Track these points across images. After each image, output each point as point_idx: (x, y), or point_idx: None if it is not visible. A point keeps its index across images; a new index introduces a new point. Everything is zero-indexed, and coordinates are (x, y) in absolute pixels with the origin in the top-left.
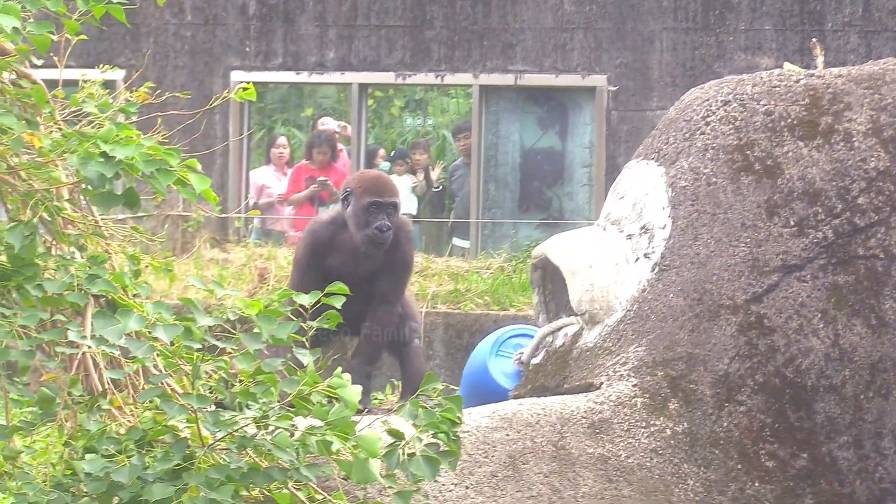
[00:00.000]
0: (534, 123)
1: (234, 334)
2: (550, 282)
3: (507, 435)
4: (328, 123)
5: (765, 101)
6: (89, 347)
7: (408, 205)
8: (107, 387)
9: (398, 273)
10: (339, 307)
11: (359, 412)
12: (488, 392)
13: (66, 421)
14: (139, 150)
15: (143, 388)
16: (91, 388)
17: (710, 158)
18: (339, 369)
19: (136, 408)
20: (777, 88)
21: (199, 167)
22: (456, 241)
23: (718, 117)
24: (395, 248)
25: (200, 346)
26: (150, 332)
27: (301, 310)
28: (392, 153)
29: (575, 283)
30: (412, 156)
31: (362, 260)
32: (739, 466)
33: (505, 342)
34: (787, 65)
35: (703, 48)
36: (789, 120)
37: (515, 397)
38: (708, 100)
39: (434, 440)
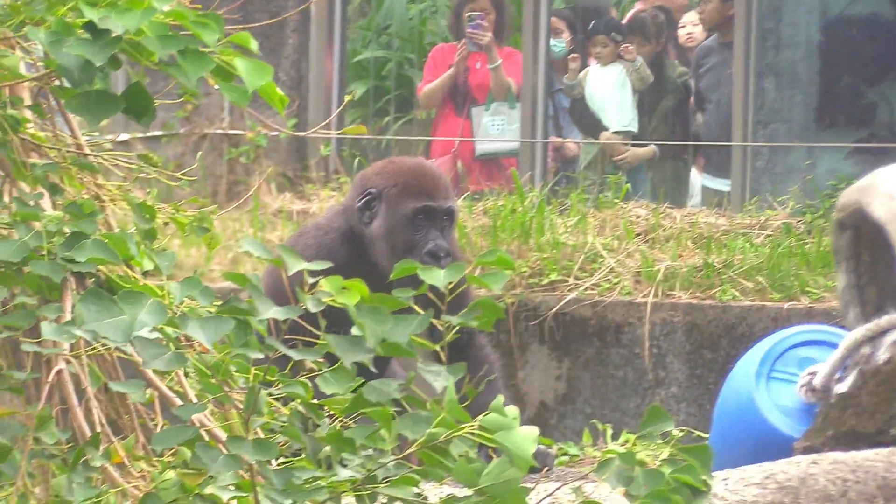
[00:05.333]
0: None
1: (320, 339)
2: (869, 251)
3: None
4: None
5: None
6: (73, 353)
7: (619, 114)
8: (100, 428)
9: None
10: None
11: (533, 472)
12: (756, 440)
13: (32, 487)
14: (150, 18)
15: (162, 429)
16: (74, 429)
17: None
18: (501, 398)
19: (151, 464)
20: None
21: (254, 47)
22: (706, 181)
23: None
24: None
25: (263, 358)
26: (175, 333)
27: None
28: (591, 26)
29: None
30: (626, 31)
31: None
32: None
33: (784, 356)
34: None
35: None
36: None
37: (805, 451)
38: None
39: None
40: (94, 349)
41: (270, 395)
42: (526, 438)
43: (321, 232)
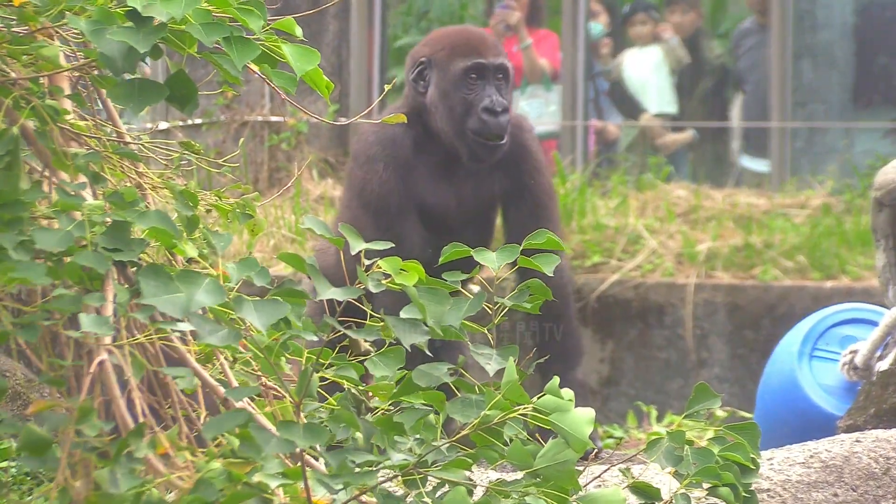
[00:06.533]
0: None
1: (376, 321)
2: None
3: (836, 495)
4: None
5: None
6: (116, 343)
7: (657, 96)
8: (143, 418)
9: (540, 202)
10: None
11: (583, 456)
12: (800, 419)
13: (74, 480)
14: (194, 6)
15: (206, 420)
16: (116, 422)
17: None
18: (556, 380)
19: (197, 455)
20: None
21: (299, 33)
22: (746, 162)
23: None
24: (521, 161)
25: (317, 340)
26: (231, 316)
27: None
28: (627, 6)
29: None
30: (664, 12)
31: (466, 184)
32: None
33: (826, 334)
34: None
35: None
36: None
37: (848, 429)
38: None
39: (712, 501)
40: (141, 336)
41: (321, 378)
42: (582, 420)
43: (379, 126)
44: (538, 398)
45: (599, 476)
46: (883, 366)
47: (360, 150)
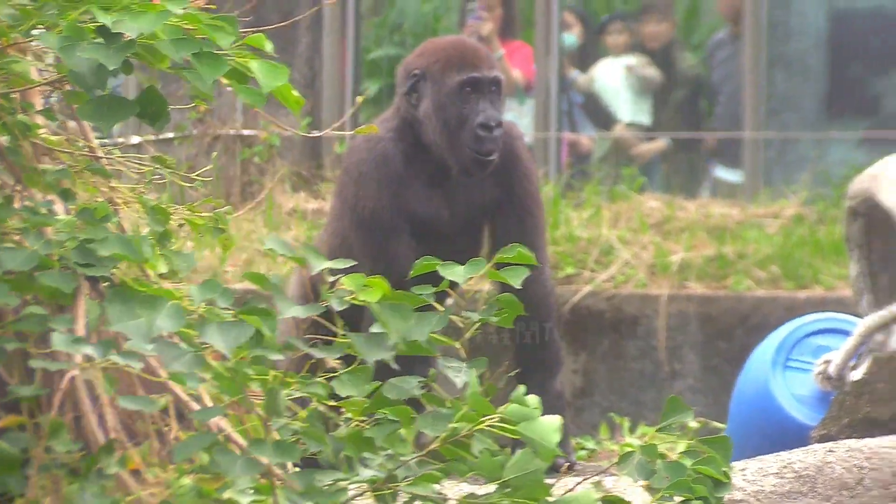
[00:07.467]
0: None
1: (341, 337)
2: (881, 239)
3: None
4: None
5: None
6: (88, 361)
7: (630, 107)
8: (114, 434)
9: (527, 209)
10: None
11: (552, 467)
12: (773, 429)
13: (43, 497)
14: (164, 22)
15: (177, 438)
16: (87, 438)
17: None
18: (522, 389)
19: (167, 471)
20: None
21: (269, 49)
22: (719, 172)
23: None
24: (511, 168)
25: (281, 359)
26: (196, 337)
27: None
28: (604, 18)
29: None
30: (639, 23)
31: (458, 193)
32: None
33: (799, 344)
34: None
35: None
36: None
37: (822, 439)
38: None
39: None
40: (113, 351)
41: (289, 395)
42: (549, 428)
43: (371, 143)
44: (504, 408)
45: (572, 489)
46: (856, 376)
47: (352, 166)
